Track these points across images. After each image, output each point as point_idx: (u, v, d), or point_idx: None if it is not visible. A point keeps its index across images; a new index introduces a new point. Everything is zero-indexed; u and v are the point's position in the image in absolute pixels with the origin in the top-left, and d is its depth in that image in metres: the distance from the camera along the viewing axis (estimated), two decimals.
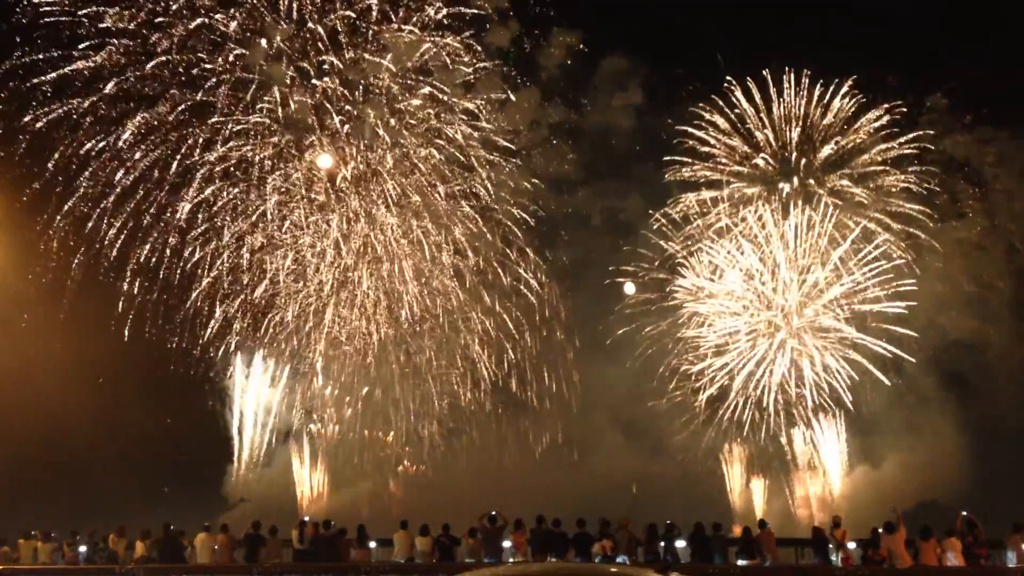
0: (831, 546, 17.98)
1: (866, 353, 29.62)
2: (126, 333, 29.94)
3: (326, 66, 30.06)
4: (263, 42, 29.63)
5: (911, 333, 28.89)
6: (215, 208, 30.63)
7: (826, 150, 30.58)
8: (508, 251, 31.49)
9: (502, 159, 31.02)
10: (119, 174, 29.73)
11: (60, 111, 28.81)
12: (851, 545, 18.42)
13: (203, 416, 31.88)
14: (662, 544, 17.98)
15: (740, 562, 17.88)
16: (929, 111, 30.27)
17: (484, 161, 30.86)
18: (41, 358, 28.28)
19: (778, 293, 30.21)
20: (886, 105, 29.95)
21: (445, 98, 30.51)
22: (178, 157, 30.00)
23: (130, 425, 29.46)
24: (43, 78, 28.49)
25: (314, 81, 30.07)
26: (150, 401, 30.28)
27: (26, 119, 28.54)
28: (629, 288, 31.57)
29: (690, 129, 31.07)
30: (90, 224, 29.69)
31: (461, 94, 30.61)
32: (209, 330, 31.25)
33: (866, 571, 17.00)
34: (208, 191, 30.40)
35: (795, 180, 30.50)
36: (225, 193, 30.55)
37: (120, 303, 29.94)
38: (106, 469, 29.12)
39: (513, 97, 30.73)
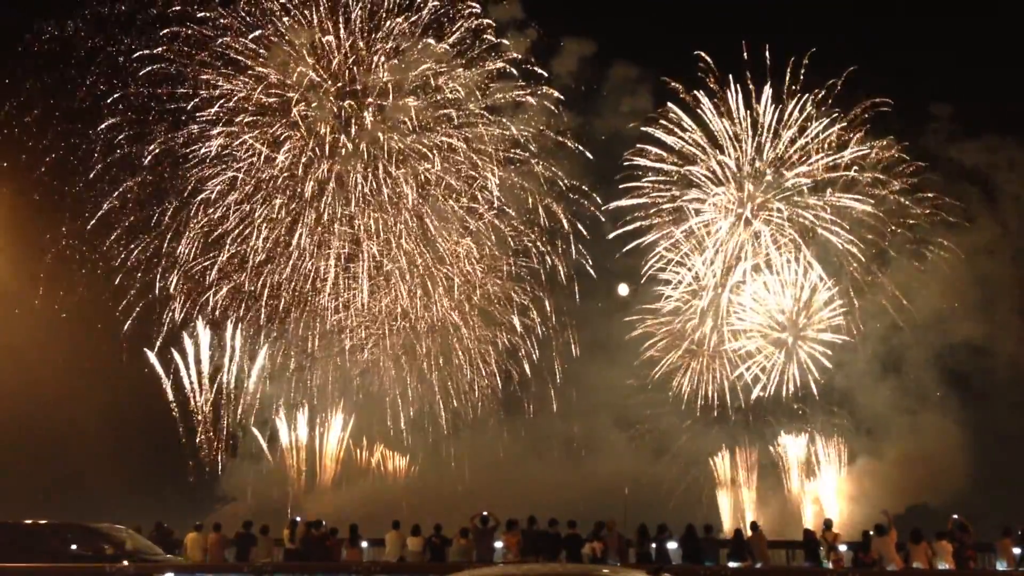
0: (822, 548, 17.99)
1: (868, 356, 29.70)
2: (124, 335, 30.27)
3: (343, 76, 30.62)
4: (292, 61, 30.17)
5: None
6: (222, 210, 30.98)
7: (831, 159, 30.52)
8: (516, 255, 31.92)
9: (513, 163, 31.57)
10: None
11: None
12: (842, 547, 18.44)
13: (196, 412, 31.80)
14: (653, 545, 17.99)
15: (731, 564, 17.89)
16: (934, 119, 30.37)
17: (495, 165, 31.34)
18: (34, 353, 28.25)
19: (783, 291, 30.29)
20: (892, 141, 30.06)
21: (456, 109, 31.11)
22: (186, 167, 30.58)
23: (122, 423, 29.40)
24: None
25: (331, 98, 30.52)
26: (143, 399, 30.32)
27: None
28: (623, 289, 31.72)
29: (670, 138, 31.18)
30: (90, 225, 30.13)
31: (475, 101, 31.22)
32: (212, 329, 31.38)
33: (857, 574, 17.04)
34: (217, 197, 30.82)
35: (800, 188, 30.54)
36: (234, 201, 30.88)
37: (115, 301, 30.19)
38: (97, 467, 29.09)
39: (530, 102, 31.34)
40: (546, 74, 31.30)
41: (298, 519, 19.83)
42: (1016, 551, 17.27)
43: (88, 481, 29.29)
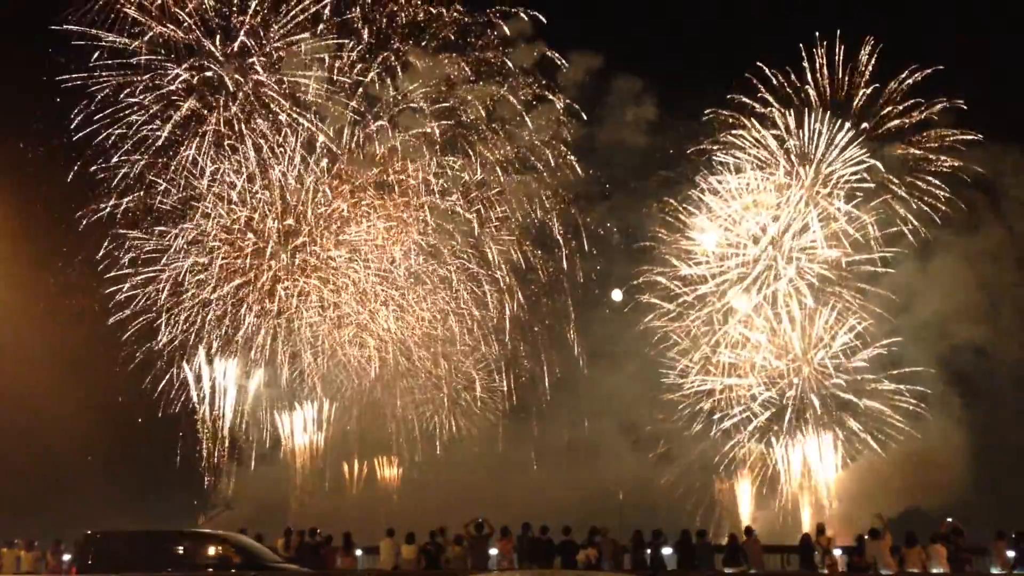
0: (816, 553, 18.00)
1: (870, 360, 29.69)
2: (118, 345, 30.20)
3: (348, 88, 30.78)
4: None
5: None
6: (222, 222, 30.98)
7: (835, 164, 30.36)
8: (520, 262, 32.00)
9: (519, 173, 31.84)
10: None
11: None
12: (837, 552, 18.47)
13: (190, 419, 31.75)
14: (648, 552, 18.00)
15: (727, 570, 17.88)
16: (935, 125, 30.30)
17: (501, 174, 31.62)
18: (21, 361, 28.15)
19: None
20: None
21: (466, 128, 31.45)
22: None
23: (113, 430, 29.32)
24: None
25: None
26: (134, 404, 30.21)
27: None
28: (616, 295, 31.80)
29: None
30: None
31: (480, 115, 31.50)
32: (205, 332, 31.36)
33: None
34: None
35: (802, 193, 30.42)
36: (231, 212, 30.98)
37: (105, 303, 30.14)
38: (89, 475, 29.01)
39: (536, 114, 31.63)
40: (553, 88, 31.60)
41: (291, 528, 19.78)
42: (1010, 554, 17.29)
43: (81, 488, 29.20)
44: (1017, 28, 31.11)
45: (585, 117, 31.97)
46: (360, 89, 30.79)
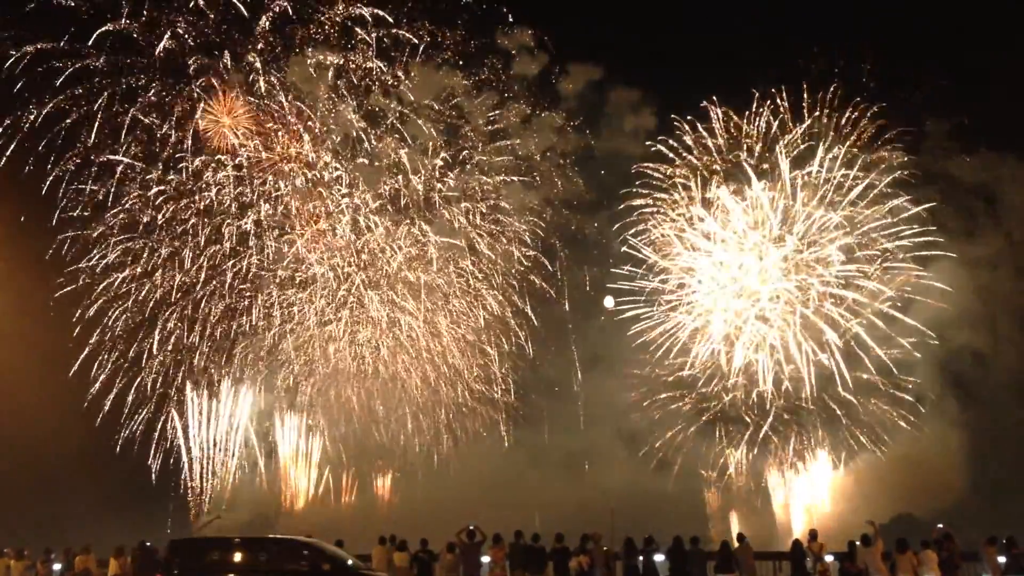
0: (808, 559, 18.01)
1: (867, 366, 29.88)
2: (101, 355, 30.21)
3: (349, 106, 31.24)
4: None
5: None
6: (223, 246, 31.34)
7: (834, 171, 30.57)
8: (520, 269, 32.47)
9: (519, 183, 32.52)
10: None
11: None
12: (828, 558, 18.47)
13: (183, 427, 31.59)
14: (640, 558, 17.98)
15: None
16: (930, 136, 30.61)
17: (502, 185, 32.27)
18: (10, 374, 28.07)
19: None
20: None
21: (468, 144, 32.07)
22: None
23: (103, 439, 29.30)
24: None
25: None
26: (124, 414, 30.17)
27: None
28: (608, 302, 31.93)
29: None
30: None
31: (482, 126, 32.21)
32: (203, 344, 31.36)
33: None
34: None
35: (798, 199, 30.60)
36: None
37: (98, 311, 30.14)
38: (79, 485, 28.87)
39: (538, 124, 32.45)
40: (553, 100, 32.47)
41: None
42: (1000, 560, 17.35)
43: (72, 496, 29.09)
44: (1012, 36, 31.46)
45: (584, 127, 32.66)
46: (364, 105, 31.36)
